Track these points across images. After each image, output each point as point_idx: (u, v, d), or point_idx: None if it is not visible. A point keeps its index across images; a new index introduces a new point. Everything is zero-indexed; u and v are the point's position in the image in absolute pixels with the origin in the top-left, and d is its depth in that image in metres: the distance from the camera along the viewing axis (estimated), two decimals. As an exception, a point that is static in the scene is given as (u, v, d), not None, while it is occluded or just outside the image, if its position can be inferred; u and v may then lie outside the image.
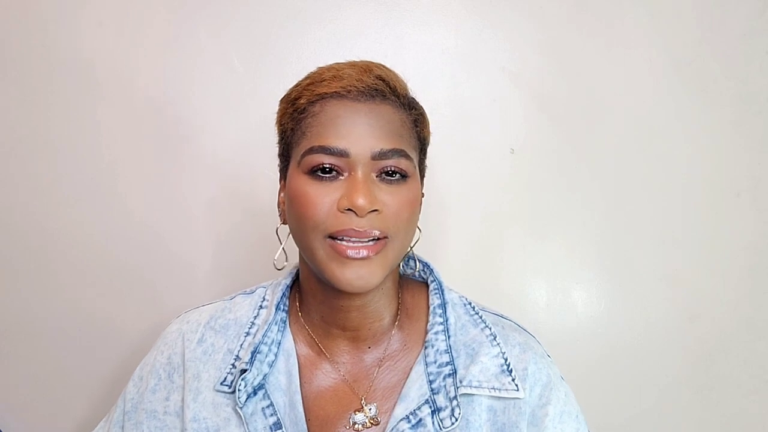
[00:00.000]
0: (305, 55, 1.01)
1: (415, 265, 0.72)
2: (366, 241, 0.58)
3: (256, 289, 0.73)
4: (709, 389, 1.01)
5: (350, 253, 0.58)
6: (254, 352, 0.64)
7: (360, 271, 0.58)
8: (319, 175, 0.59)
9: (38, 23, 1.02)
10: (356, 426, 0.63)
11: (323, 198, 0.58)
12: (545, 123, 1.01)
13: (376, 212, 0.58)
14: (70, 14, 1.02)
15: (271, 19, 1.02)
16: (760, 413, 1.00)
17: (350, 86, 0.60)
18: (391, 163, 0.59)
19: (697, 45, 1.00)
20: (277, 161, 0.69)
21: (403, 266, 0.74)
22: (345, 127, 0.59)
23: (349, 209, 0.57)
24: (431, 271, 0.71)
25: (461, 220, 1.02)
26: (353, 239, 0.58)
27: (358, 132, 0.59)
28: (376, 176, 0.60)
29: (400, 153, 0.60)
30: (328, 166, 0.59)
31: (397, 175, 0.60)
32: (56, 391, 1.04)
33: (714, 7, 1.00)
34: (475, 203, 1.02)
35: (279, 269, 0.71)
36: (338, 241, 0.58)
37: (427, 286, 0.71)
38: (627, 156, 1.01)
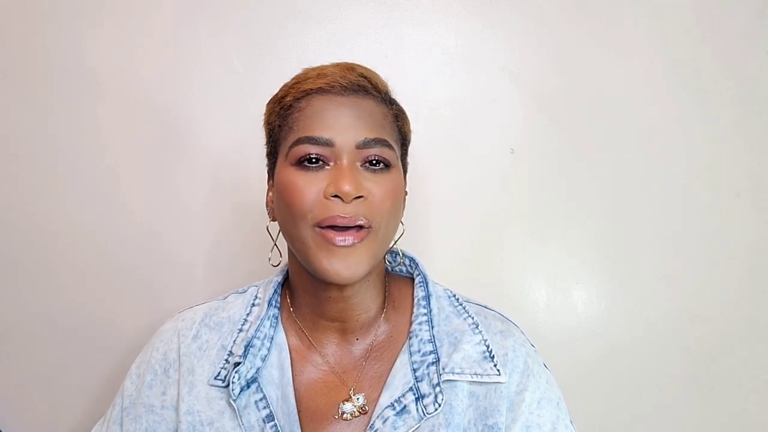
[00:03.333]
0: (305, 55, 1.01)
1: (401, 260, 0.74)
2: (351, 228, 0.60)
3: (248, 288, 0.75)
4: (709, 389, 1.01)
5: (338, 240, 0.60)
6: (247, 346, 0.66)
7: (347, 260, 0.60)
8: (306, 165, 0.62)
9: (38, 23, 1.02)
10: (345, 415, 0.64)
11: (310, 187, 0.61)
12: (545, 123, 1.01)
13: (361, 199, 0.61)
14: (71, 14, 1.02)
15: (271, 19, 1.02)
16: (760, 413, 1.00)
17: (334, 82, 0.63)
18: (374, 152, 0.62)
19: (697, 45, 1.00)
20: (266, 162, 0.70)
21: (389, 261, 0.76)
22: (330, 118, 0.62)
23: (335, 196, 0.60)
24: (417, 265, 0.74)
25: (461, 220, 1.02)
26: (339, 227, 0.60)
27: (342, 123, 0.61)
28: (361, 165, 0.62)
29: (384, 143, 0.63)
30: (314, 156, 0.61)
31: (381, 164, 0.63)
32: (56, 390, 1.04)
33: (714, 7, 1.00)
34: (475, 203, 1.02)
35: (275, 266, 0.73)
36: (326, 230, 0.60)
37: (413, 279, 0.73)
38: (627, 156, 1.01)
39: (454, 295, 0.72)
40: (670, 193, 1.01)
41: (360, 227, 0.61)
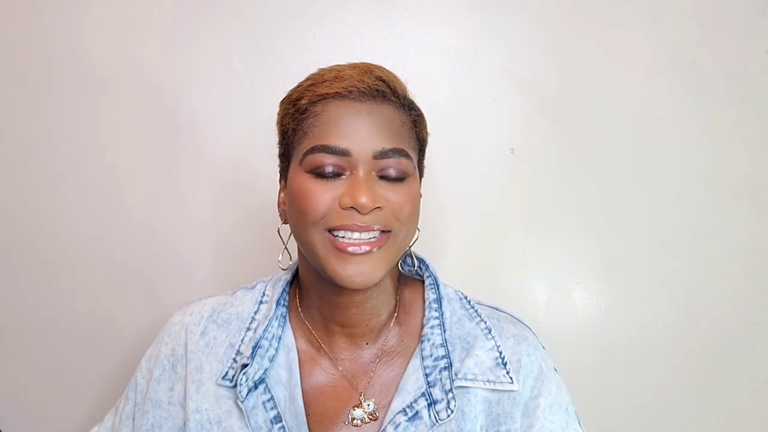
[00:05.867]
0: (305, 55, 1.01)
1: (413, 263, 0.73)
2: (368, 238, 0.59)
3: (256, 285, 0.74)
4: (709, 389, 1.01)
5: (351, 249, 0.59)
6: (255, 347, 0.65)
7: (362, 266, 0.59)
8: (321, 174, 0.60)
9: (40, 24, 1.03)
10: (355, 421, 0.64)
11: (324, 194, 0.59)
12: (545, 123, 1.01)
13: (378, 209, 0.59)
14: (72, 14, 1.02)
15: (271, 19, 1.02)
16: (760, 413, 1.00)
17: (352, 87, 0.60)
18: (391, 162, 0.60)
19: (697, 45, 1.01)
20: (277, 162, 0.69)
21: (400, 264, 0.74)
22: (347, 126, 0.59)
23: (351, 207, 0.58)
24: (427, 267, 0.72)
25: (461, 220, 1.02)
26: (354, 235, 0.59)
27: (359, 132, 0.59)
28: (377, 175, 0.61)
29: (401, 152, 0.61)
30: (330, 164, 0.59)
31: (398, 173, 0.61)
32: (56, 390, 1.04)
33: (714, 7, 1.00)
34: (474, 203, 1.02)
35: (284, 269, 0.72)
36: (339, 238, 0.59)
37: (424, 282, 0.72)
38: (627, 156, 1.01)
39: (466, 297, 0.71)
40: (669, 193, 1.01)
41: (380, 232, 0.60)
